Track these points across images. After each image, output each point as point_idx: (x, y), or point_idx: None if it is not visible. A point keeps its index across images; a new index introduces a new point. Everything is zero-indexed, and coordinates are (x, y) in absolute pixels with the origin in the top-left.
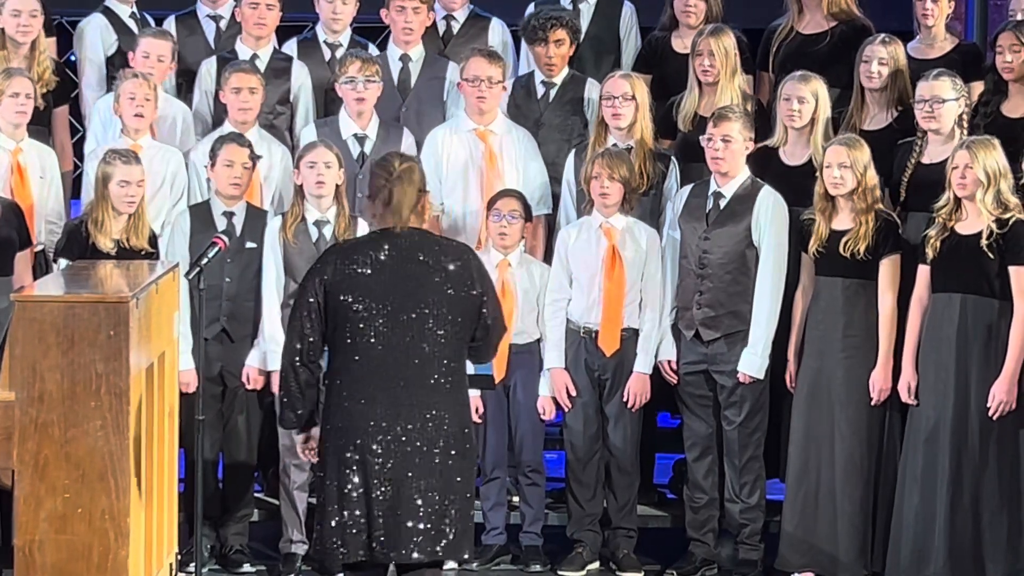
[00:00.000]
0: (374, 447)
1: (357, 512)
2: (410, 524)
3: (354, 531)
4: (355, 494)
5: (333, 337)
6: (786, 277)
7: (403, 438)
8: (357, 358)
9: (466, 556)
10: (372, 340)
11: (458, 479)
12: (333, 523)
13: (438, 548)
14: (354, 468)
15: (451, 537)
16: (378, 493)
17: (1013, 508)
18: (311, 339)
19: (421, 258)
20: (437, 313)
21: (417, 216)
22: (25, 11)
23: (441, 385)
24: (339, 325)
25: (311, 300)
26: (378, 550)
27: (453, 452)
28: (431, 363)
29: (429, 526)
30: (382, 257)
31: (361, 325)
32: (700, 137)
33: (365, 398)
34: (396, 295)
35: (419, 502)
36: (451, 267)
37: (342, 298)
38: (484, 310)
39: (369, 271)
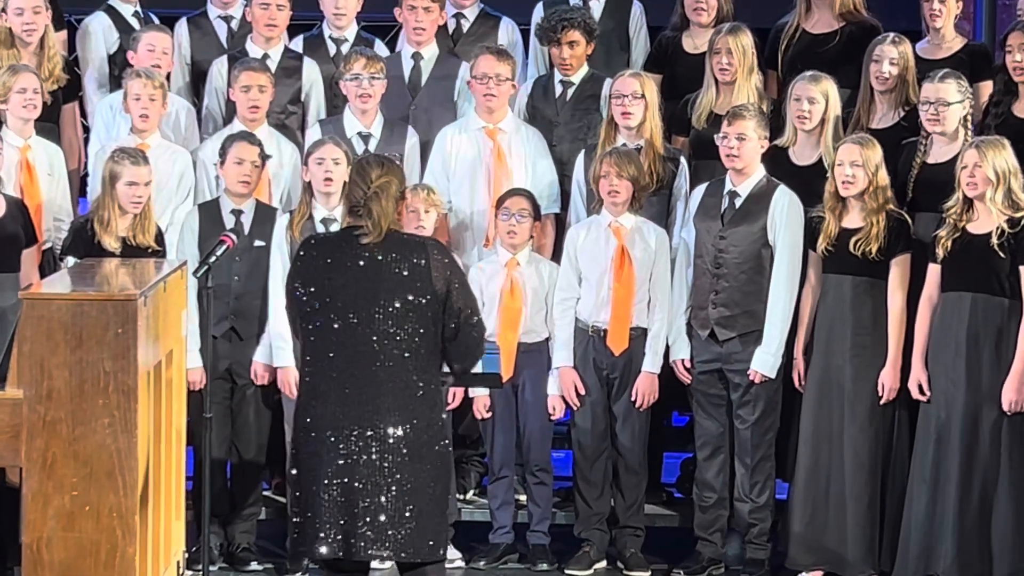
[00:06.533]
0: (336, 446)
1: (319, 510)
2: (367, 521)
3: (318, 526)
4: (317, 492)
5: (300, 333)
6: None
7: (353, 437)
8: (318, 356)
9: (440, 553)
10: (330, 338)
11: (414, 479)
12: (299, 520)
13: (397, 546)
14: (317, 466)
15: (407, 535)
16: (338, 493)
17: (1021, 507)
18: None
19: (380, 257)
20: (394, 312)
21: (394, 221)
22: (28, 8)
23: (398, 384)
24: (303, 321)
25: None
26: (340, 546)
27: (408, 452)
28: (390, 363)
29: (386, 524)
30: (345, 257)
31: (319, 323)
32: (715, 135)
33: (320, 398)
34: (354, 295)
35: (376, 500)
36: (411, 265)
37: (306, 292)
38: (454, 304)
39: (332, 270)
